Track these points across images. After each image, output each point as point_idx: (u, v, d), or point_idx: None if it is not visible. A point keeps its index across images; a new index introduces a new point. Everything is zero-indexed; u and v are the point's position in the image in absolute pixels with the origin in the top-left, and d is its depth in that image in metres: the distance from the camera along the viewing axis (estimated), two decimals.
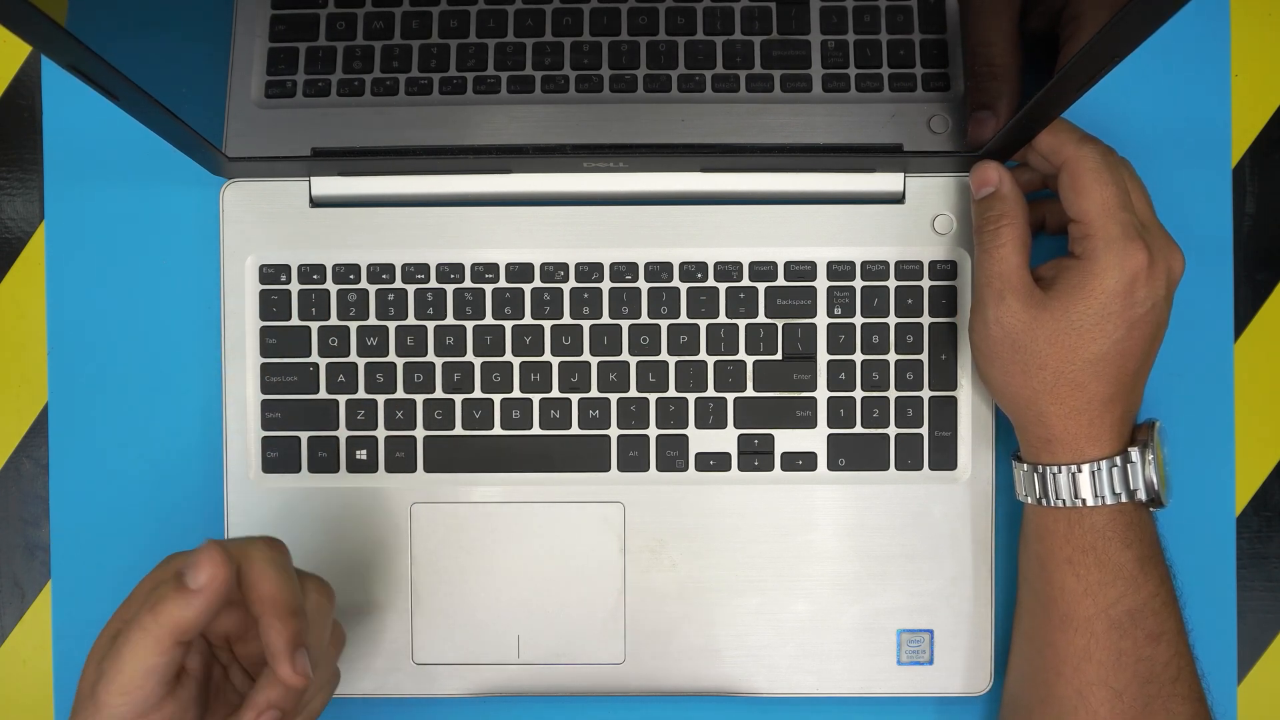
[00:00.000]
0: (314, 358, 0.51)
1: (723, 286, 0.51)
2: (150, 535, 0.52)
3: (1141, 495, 0.45)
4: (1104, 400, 0.45)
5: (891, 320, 0.51)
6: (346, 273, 0.51)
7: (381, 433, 0.51)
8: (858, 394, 0.51)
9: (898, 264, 0.50)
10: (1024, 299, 0.45)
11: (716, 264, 0.51)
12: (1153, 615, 0.45)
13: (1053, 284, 0.45)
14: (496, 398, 0.51)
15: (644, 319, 0.51)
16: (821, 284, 0.51)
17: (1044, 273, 0.46)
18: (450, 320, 0.51)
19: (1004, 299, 0.45)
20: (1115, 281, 0.44)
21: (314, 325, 0.51)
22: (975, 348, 0.48)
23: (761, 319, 0.51)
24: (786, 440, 0.51)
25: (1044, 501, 0.46)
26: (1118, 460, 0.45)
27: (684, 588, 0.50)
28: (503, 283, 0.51)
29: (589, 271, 0.51)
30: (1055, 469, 0.46)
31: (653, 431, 0.51)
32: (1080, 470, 0.45)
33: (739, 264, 0.51)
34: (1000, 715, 0.50)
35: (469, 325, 0.51)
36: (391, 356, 0.51)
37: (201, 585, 0.36)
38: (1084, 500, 0.45)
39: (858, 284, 0.51)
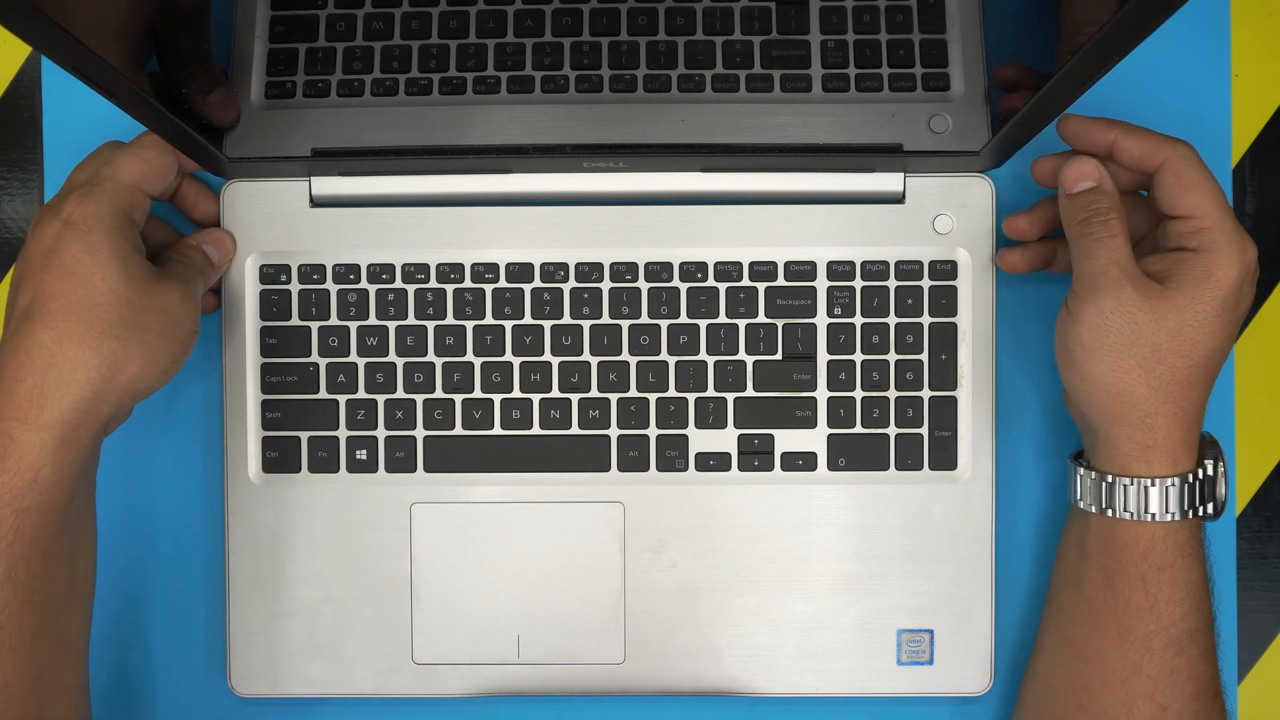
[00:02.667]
0: (314, 358, 0.51)
1: (723, 286, 0.51)
2: (150, 535, 0.52)
3: (1211, 510, 0.45)
4: (1199, 403, 0.44)
5: (891, 320, 0.50)
6: (346, 273, 0.51)
7: (381, 433, 0.51)
8: (858, 394, 0.51)
9: (898, 264, 0.50)
10: (1143, 290, 0.43)
11: (716, 264, 0.51)
12: (1207, 633, 0.44)
13: (1169, 278, 0.44)
14: (496, 398, 0.51)
15: (644, 319, 0.51)
16: (821, 284, 0.51)
17: (1150, 267, 0.45)
18: (450, 320, 0.51)
19: (1122, 289, 0.43)
20: (1237, 274, 0.43)
21: (314, 325, 0.51)
22: (1080, 342, 0.44)
23: (761, 319, 0.51)
24: (786, 440, 0.51)
25: (1110, 512, 0.45)
26: (1196, 473, 0.44)
27: (684, 588, 0.50)
28: (503, 283, 0.51)
29: (589, 271, 0.51)
30: (1126, 480, 0.44)
31: (653, 431, 0.51)
32: (1153, 484, 0.44)
33: (739, 264, 0.51)
34: (1015, 717, 0.50)
35: (469, 325, 0.51)
36: (391, 356, 0.51)
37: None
38: (1153, 515, 0.44)
39: (858, 284, 0.51)
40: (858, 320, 0.51)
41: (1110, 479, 0.45)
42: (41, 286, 0.42)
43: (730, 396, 0.51)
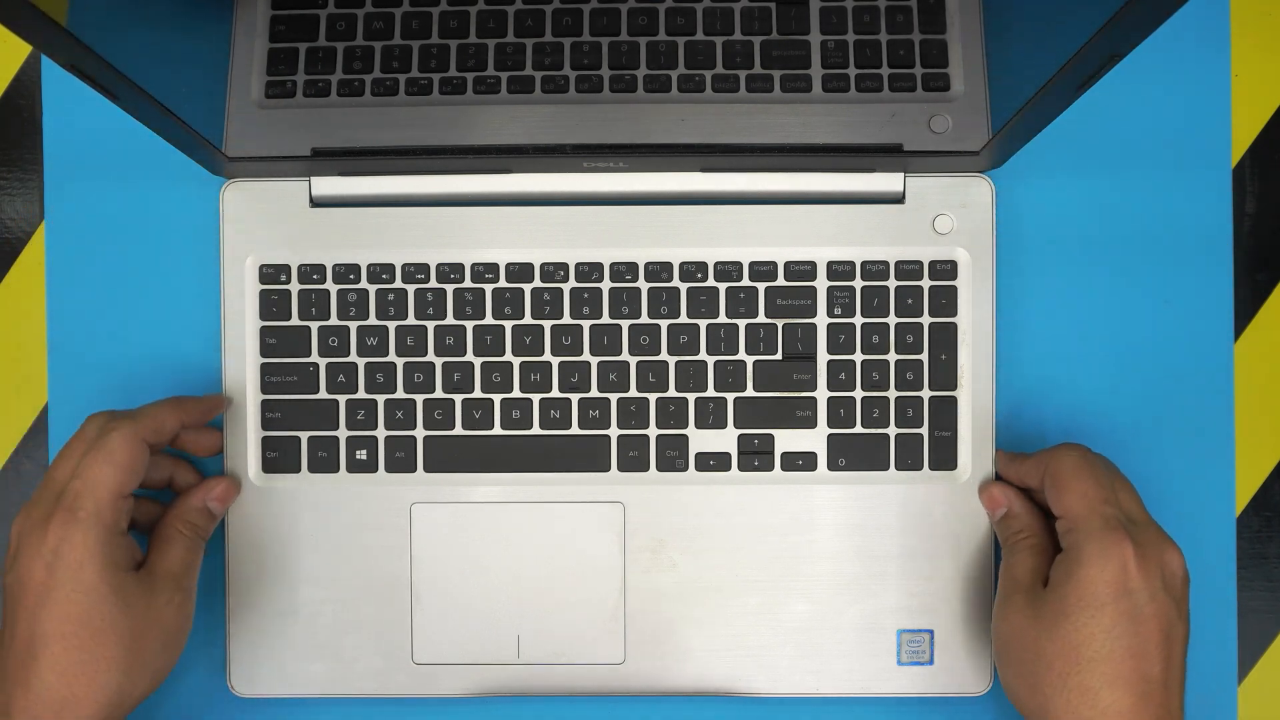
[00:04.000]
0: (314, 358, 0.51)
1: (723, 286, 0.51)
2: None
3: None
4: (1122, 713, 0.42)
5: (891, 320, 0.51)
6: (346, 273, 0.51)
7: (381, 433, 0.51)
8: (858, 394, 0.51)
9: (898, 264, 0.50)
10: (1028, 596, 0.45)
11: (716, 264, 0.51)
12: None
13: (1050, 580, 0.45)
14: (496, 398, 0.51)
15: (644, 319, 0.51)
16: (821, 284, 0.51)
17: (1051, 572, 0.45)
18: (450, 320, 0.51)
19: (1011, 599, 0.45)
20: (1100, 570, 0.42)
21: (314, 325, 0.51)
22: (996, 653, 0.46)
23: (761, 319, 0.51)
24: (786, 440, 0.51)
25: None
26: None
27: (684, 588, 0.50)
28: (503, 283, 0.51)
29: (589, 271, 0.51)
30: None
31: (653, 431, 0.51)
32: None
33: (739, 264, 0.51)
34: None
35: (469, 325, 0.51)
36: (391, 356, 0.51)
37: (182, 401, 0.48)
38: None
39: (858, 284, 0.51)
40: (858, 320, 0.51)
41: None
42: (40, 626, 0.42)
43: (730, 396, 0.51)
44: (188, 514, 0.48)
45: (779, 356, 0.51)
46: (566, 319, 0.51)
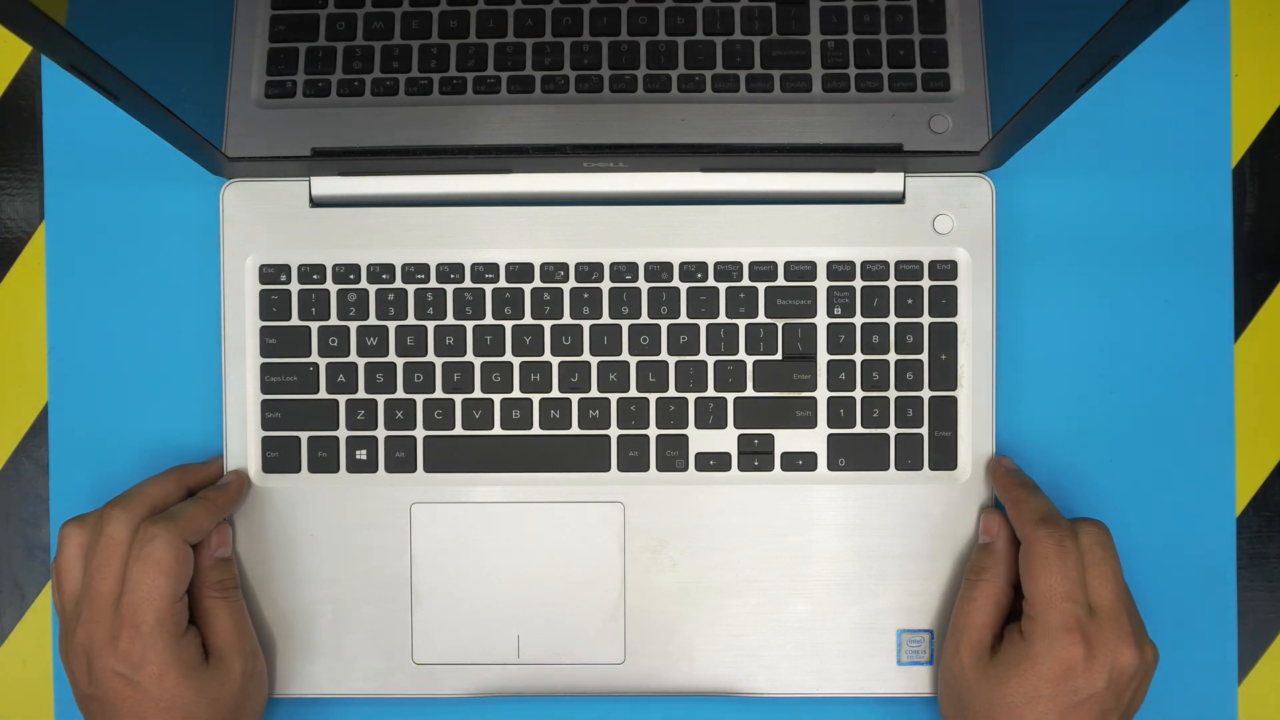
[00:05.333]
0: (314, 358, 0.51)
1: (723, 286, 0.51)
2: None
3: None
4: None
5: (891, 320, 0.51)
6: (346, 273, 0.51)
7: (381, 433, 0.51)
8: (858, 394, 0.51)
9: (898, 264, 0.50)
10: (975, 656, 0.46)
11: (716, 264, 0.51)
12: None
13: (1000, 651, 0.45)
14: (496, 398, 0.51)
15: (644, 319, 0.51)
16: (821, 284, 0.51)
17: (1006, 633, 0.46)
18: (450, 320, 0.51)
19: (958, 650, 0.46)
20: (1046, 668, 0.43)
21: (314, 325, 0.51)
22: (940, 681, 0.49)
23: (761, 319, 0.51)
24: (786, 440, 0.51)
25: None
26: None
27: (684, 588, 0.50)
28: (503, 283, 0.51)
29: (589, 271, 0.51)
30: None
31: (653, 431, 0.51)
32: None
33: (739, 264, 0.51)
34: None
35: (469, 325, 0.51)
36: (391, 356, 0.51)
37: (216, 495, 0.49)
38: None
39: (858, 284, 0.51)
40: (858, 320, 0.51)
41: None
42: None
43: (730, 396, 0.51)
44: (207, 578, 0.48)
45: (779, 356, 0.51)
46: (566, 319, 0.51)
